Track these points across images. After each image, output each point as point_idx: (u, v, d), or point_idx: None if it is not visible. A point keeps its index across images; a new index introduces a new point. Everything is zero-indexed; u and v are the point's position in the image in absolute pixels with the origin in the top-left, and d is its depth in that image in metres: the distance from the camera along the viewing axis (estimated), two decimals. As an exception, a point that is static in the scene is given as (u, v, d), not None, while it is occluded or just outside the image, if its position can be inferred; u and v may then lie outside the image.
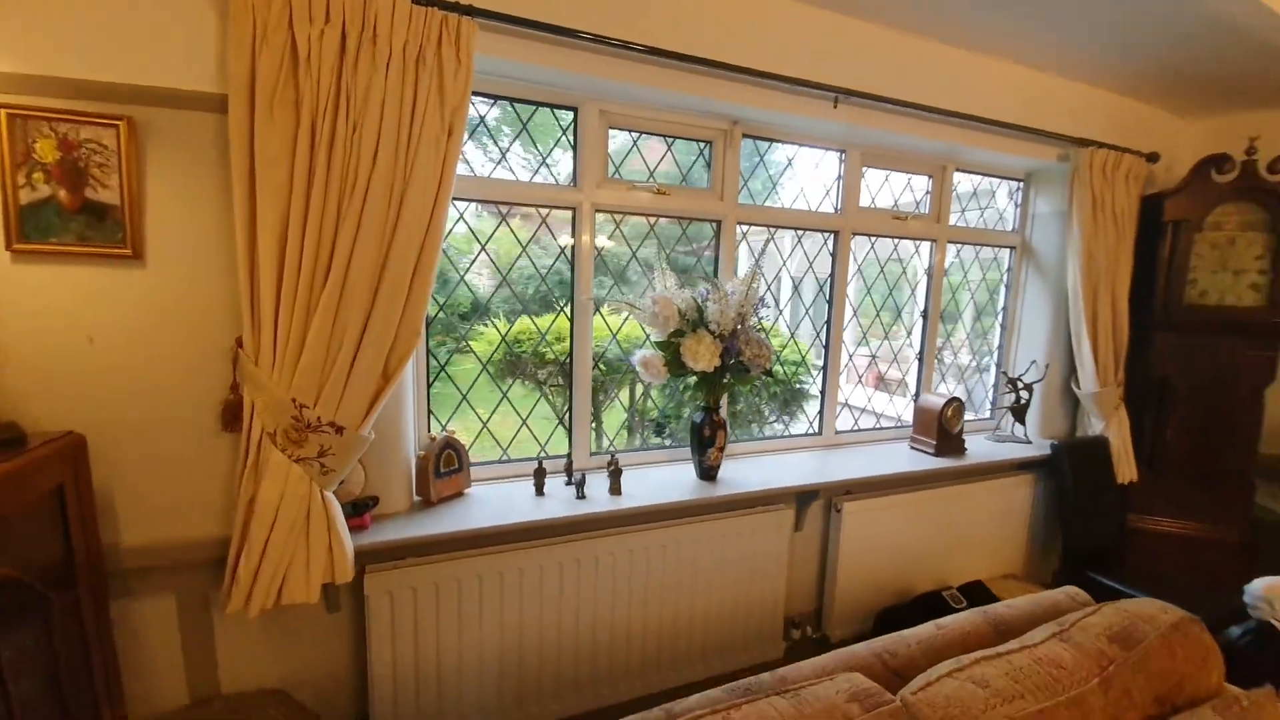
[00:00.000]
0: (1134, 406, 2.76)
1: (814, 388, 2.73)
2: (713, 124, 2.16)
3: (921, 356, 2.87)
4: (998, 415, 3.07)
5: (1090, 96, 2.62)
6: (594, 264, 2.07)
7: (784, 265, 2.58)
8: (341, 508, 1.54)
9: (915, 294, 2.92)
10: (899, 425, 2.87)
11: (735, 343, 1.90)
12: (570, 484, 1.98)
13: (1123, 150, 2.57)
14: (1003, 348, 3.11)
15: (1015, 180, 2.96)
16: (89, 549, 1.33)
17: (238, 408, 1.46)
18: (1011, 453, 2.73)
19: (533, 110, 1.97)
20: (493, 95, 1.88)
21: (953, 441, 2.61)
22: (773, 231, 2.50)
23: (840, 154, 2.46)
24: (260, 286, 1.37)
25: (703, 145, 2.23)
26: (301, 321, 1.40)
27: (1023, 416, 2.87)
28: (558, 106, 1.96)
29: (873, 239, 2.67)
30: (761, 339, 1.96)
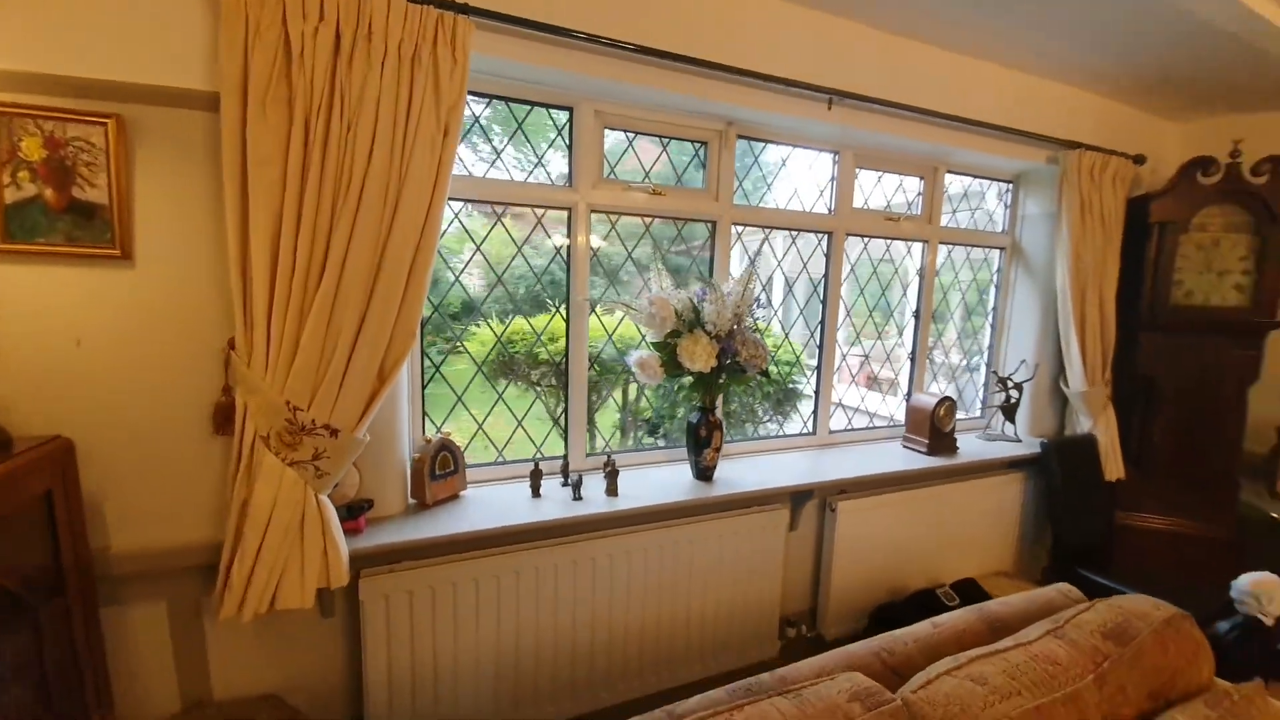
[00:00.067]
0: (1121, 405, 2.80)
1: (808, 388, 2.74)
2: (708, 124, 2.16)
3: (914, 356, 2.89)
4: (988, 414, 3.10)
5: (1078, 99, 2.66)
6: (588, 264, 2.06)
7: (778, 265, 2.58)
8: (336, 511, 1.52)
9: (907, 294, 2.94)
10: (892, 424, 2.89)
11: (732, 343, 1.91)
12: (567, 485, 1.97)
13: (1110, 153, 2.61)
14: (993, 347, 3.15)
15: (1005, 182, 3.00)
16: (78, 555, 1.30)
17: (230, 410, 1.44)
18: (1002, 451, 2.76)
19: (528, 110, 1.96)
20: (488, 95, 1.86)
21: (945, 440, 2.64)
22: (767, 232, 2.51)
23: (834, 155, 2.47)
24: (253, 287, 1.35)
25: (698, 146, 2.23)
26: (295, 323, 1.38)
27: (1013, 415, 2.90)
28: (553, 106, 1.96)
29: (865, 240, 2.69)
30: (758, 339, 1.97)
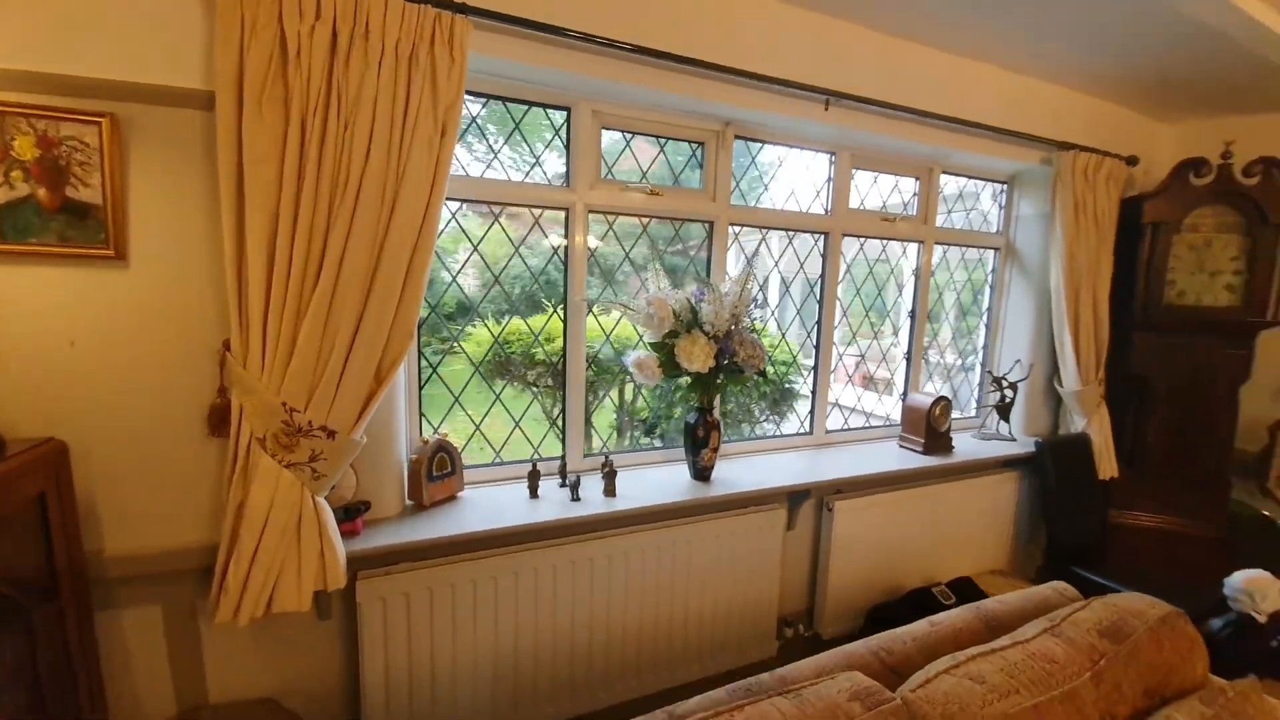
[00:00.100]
0: (1114, 404, 2.82)
1: (804, 387, 2.75)
2: (706, 125, 2.16)
3: (909, 356, 2.91)
4: (983, 414, 3.12)
5: (1072, 101, 2.67)
6: (586, 265, 2.06)
7: (775, 266, 2.59)
8: (333, 513, 1.51)
9: (902, 294, 2.95)
10: (888, 424, 2.90)
11: (730, 344, 1.91)
12: (565, 486, 1.97)
13: (1103, 154, 2.63)
14: (987, 347, 3.17)
15: (999, 183, 3.01)
16: (72, 558, 1.29)
17: (225, 412, 1.43)
18: (997, 450, 2.78)
19: (525, 110, 1.96)
20: (485, 94, 1.86)
21: (940, 440, 2.65)
22: (764, 233, 2.51)
23: (830, 156, 2.48)
24: (249, 288, 1.34)
25: (695, 146, 2.23)
26: (292, 324, 1.37)
27: (1007, 415, 2.92)
28: (551, 106, 1.95)
29: (862, 240, 2.69)
30: (755, 340, 1.97)
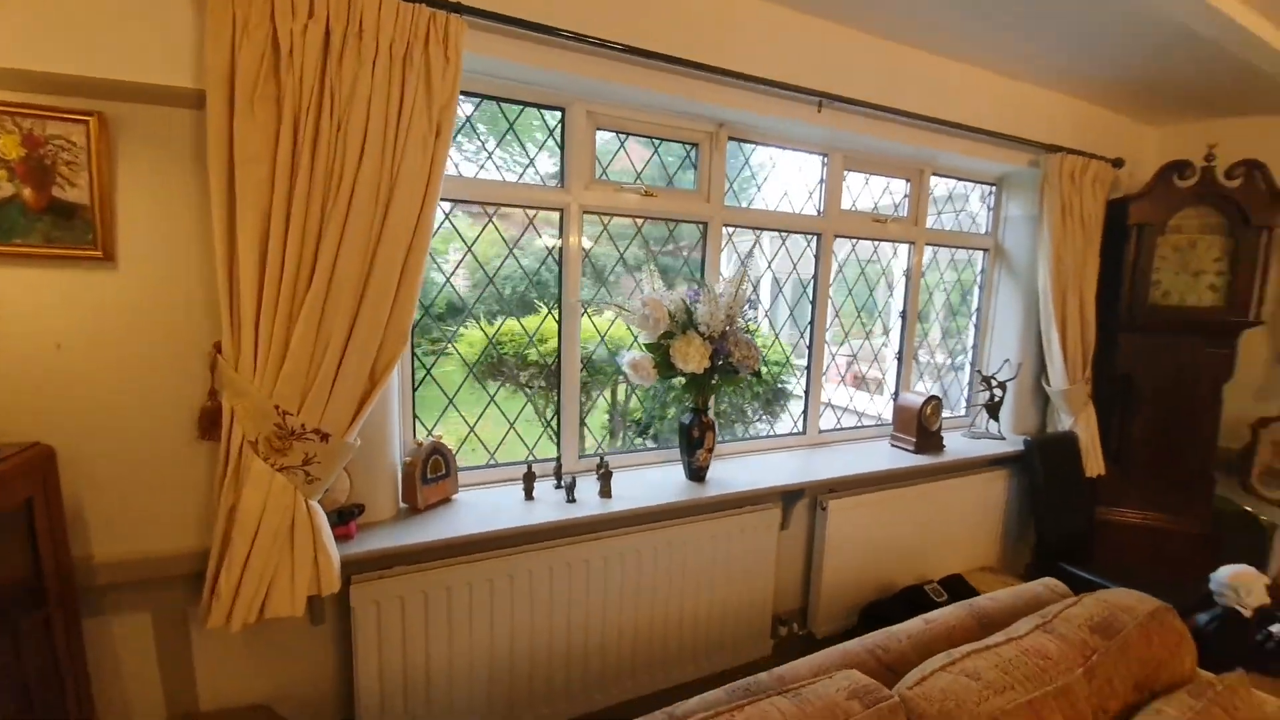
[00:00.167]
0: (1101, 403, 2.87)
1: (797, 387, 2.76)
2: (699, 126, 2.17)
3: (900, 356, 2.93)
4: (973, 413, 3.15)
5: (1059, 104, 2.71)
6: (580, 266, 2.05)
7: (769, 267, 2.60)
8: (326, 516, 1.50)
9: (893, 295, 2.98)
10: (880, 423, 2.92)
11: (725, 344, 1.91)
12: (560, 487, 1.96)
13: (1090, 156, 2.67)
14: (977, 347, 3.20)
15: (988, 184, 3.05)
16: (59, 565, 1.27)
17: (216, 415, 1.41)
18: (986, 449, 2.81)
19: (519, 110, 1.95)
20: (480, 95, 1.85)
21: (932, 439, 2.68)
22: (758, 234, 2.52)
23: (823, 157, 2.49)
24: (240, 290, 1.33)
25: (689, 147, 2.24)
26: (284, 326, 1.36)
27: (997, 413, 2.95)
28: (545, 107, 1.95)
29: (854, 241, 2.71)
30: (749, 340, 1.98)
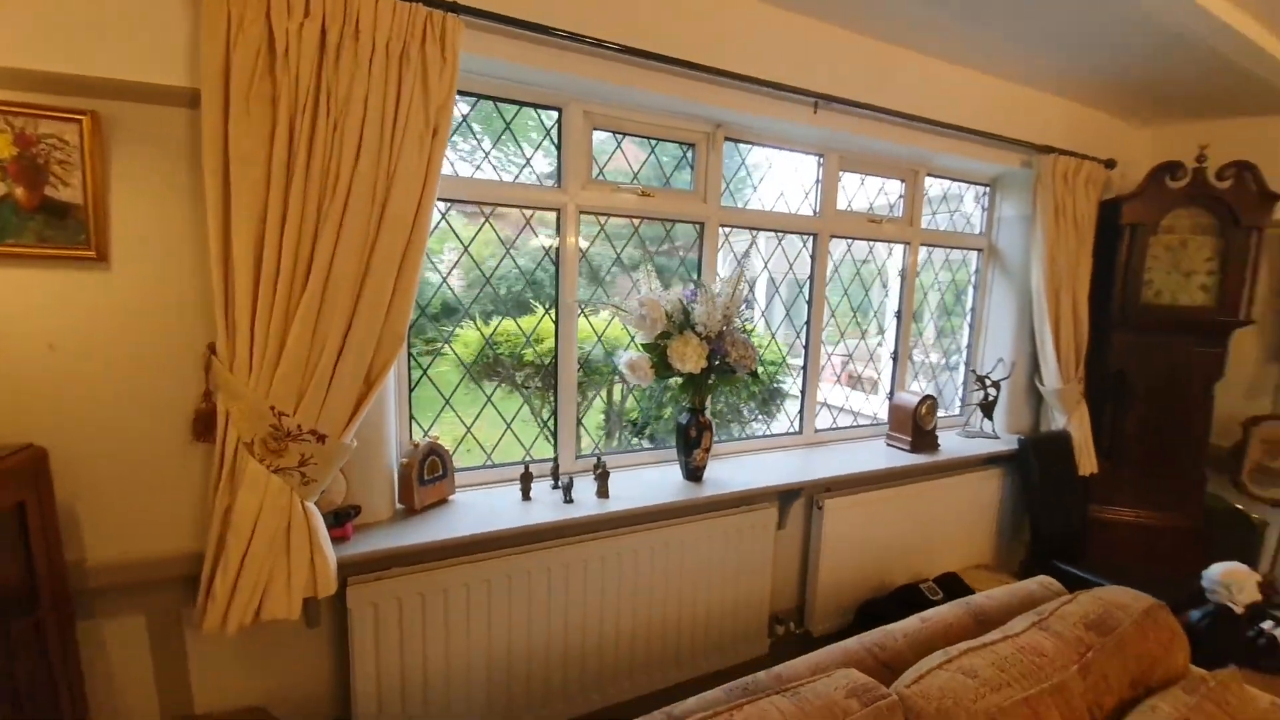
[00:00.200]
0: (1094, 402, 2.89)
1: (793, 387, 2.77)
2: (696, 126, 2.17)
3: (896, 355, 2.94)
4: (967, 412, 3.17)
5: (1052, 105, 2.73)
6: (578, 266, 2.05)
7: (765, 267, 2.61)
8: (323, 518, 1.49)
9: (888, 294, 2.99)
10: (875, 423, 2.93)
11: (722, 344, 1.92)
12: (557, 488, 1.96)
13: (1082, 157, 2.69)
14: (971, 346, 3.22)
15: (982, 185, 3.06)
16: (52, 568, 1.25)
17: (211, 416, 1.40)
18: (981, 448, 2.82)
19: (516, 110, 1.95)
20: (477, 94, 1.85)
21: (927, 438, 2.69)
22: (754, 234, 2.53)
23: (819, 158, 2.50)
24: (235, 290, 1.32)
25: (685, 148, 2.24)
26: (280, 326, 1.35)
27: (991, 413, 2.97)
28: (543, 106, 1.95)
29: (849, 241, 2.72)
30: (746, 340, 1.98)
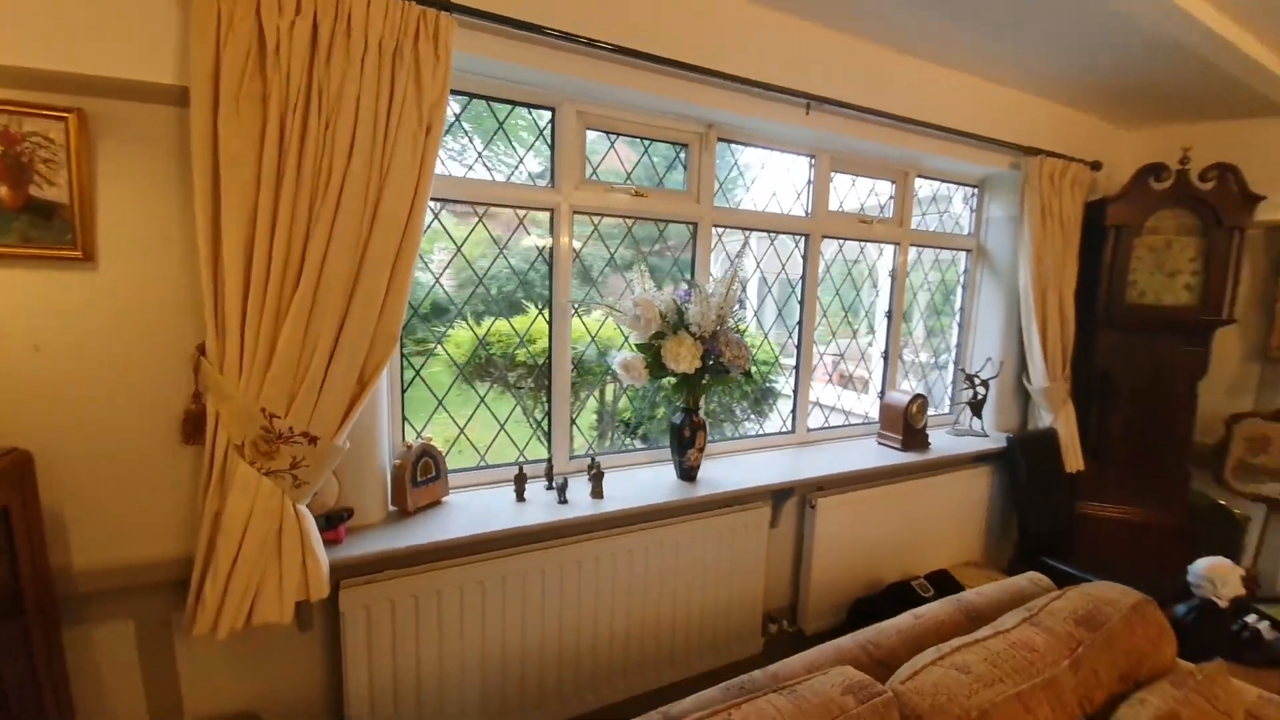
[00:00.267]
0: (1080, 400, 2.93)
1: (786, 387, 2.78)
2: (689, 127, 2.17)
3: (886, 355, 2.97)
4: (956, 410, 3.20)
5: (1039, 108, 2.77)
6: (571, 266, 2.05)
7: (758, 266, 2.62)
8: (315, 521, 1.48)
9: (878, 294, 3.01)
10: (867, 422, 2.95)
11: (716, 344, 1.92)
12: (551, 488, 1.95)
13: (1069, 159, 2.73)
14: (960, 345, 3.25)
15: (970, 186, 3.10)
16: (37, 573, 1.23)
17: (200, 419, 1.39)
18: (970, 446, 2.85)
19: (509, 109, 1.94)
20: (469, 93, 1.84)
21: (917, 437, 2.71)
22: (747, 234, 2.54)
23: (811, 159, 2.52)
24: (225, 291, 1.30)
25: (678, 148, 2.24)
26: (271, 328, 1.33)
27: (980, 411, 3.00)
28: (535, 106, 1.94)
29: (840, 241, 2.74)
30: (740, 340, 1.99)
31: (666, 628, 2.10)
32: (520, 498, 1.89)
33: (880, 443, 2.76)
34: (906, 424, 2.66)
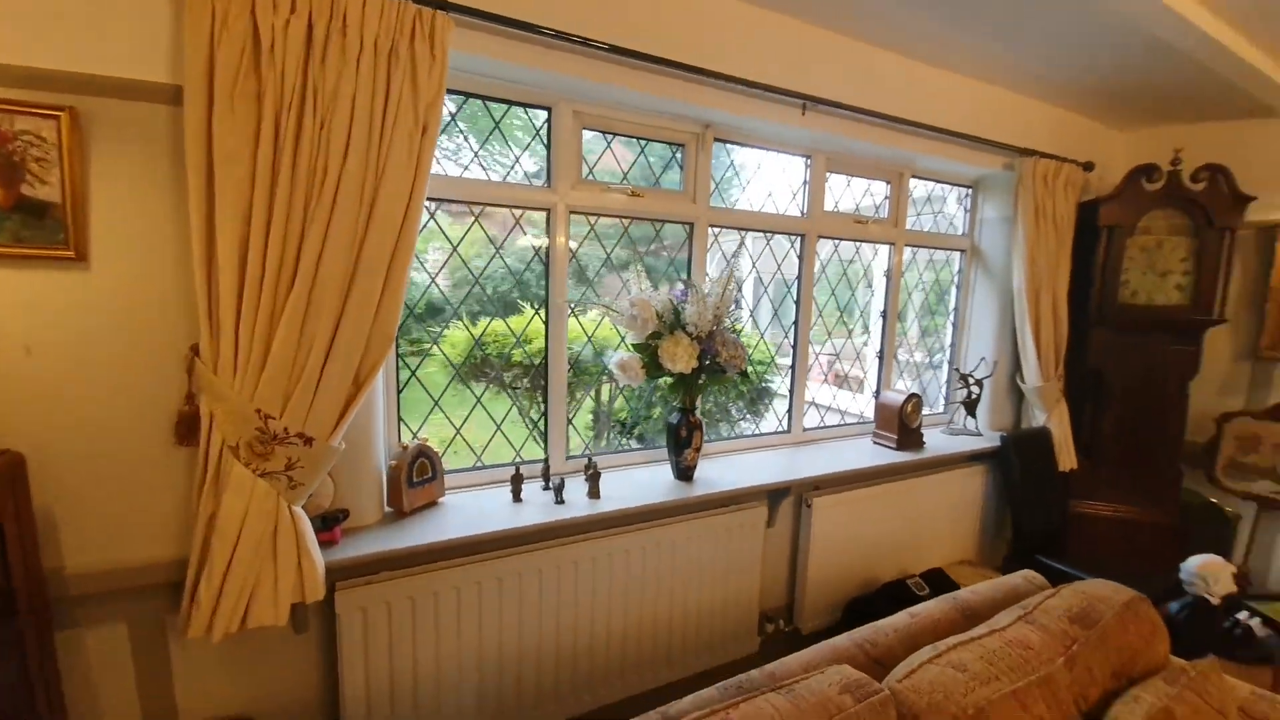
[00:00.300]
0: (1073, 399, 2.95)
1: (781, 386, 2.79)
2: (686, 127, 2.18)
3: (881, 355, 2.98)
4: (951, 410, 3.22)
5: (1033, 109, 2.78)
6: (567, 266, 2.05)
7: (754, 266, 2.62)
8: (310, 522, 1.47)
9: (873, 294, 3.02)
10: (862, 421, 2.96)
11: (712, 344, 1.92)
12: (548, 489, 1.95)
13: (1062, 160, 2.74)
14: (954, 345, 3.27)
15: (965, 187, 3.11)
16: (30, 575, 1.22)
17: (194, 420, 1.37)
18: (965, 445, 2.87)
19: (505, 109, 1.94)
20: (465, 93, 1.83)
21: (912, 436, 2.72)
22: (743, 234, 2.54)
23: (806, 159, 2.52)
24: (219, 291, 1.29)
25: (674, 149, 2.25)
26: (265, 328, 1.33)
27: (974, 410, 3.02)
28: (532, 106, 1.94)
29: (836, 241, 2.75)
30: (736, 340, 1.99)
31: (663, 627, 2.10)
32: (517, 498, 1.89)
33: (875, 442, 2.77)
34: (901, 423, 2.67)
